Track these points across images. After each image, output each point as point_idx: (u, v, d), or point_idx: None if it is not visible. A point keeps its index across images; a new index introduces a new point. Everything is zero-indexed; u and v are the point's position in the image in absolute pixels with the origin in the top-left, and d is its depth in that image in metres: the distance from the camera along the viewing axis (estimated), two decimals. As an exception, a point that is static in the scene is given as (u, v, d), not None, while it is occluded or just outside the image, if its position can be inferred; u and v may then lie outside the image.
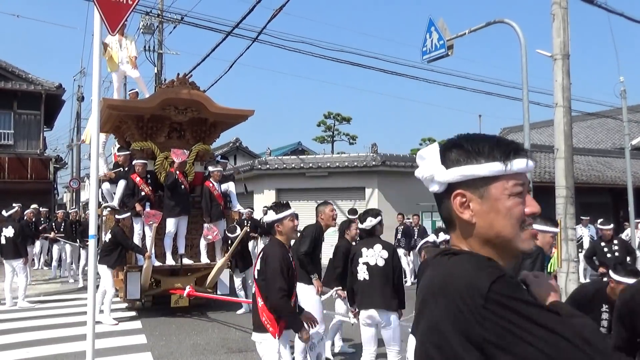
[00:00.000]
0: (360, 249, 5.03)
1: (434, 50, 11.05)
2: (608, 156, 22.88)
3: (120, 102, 10.29)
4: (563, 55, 9.10)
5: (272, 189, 17.32)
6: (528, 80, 9.56)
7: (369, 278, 4.89)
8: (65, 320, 8.99)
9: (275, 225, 4.10)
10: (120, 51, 11.53)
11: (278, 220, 4.09)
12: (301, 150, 29.27)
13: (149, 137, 9.96)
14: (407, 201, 15.57)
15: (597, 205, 19.02)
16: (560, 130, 9.19)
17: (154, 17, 17.99)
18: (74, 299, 11.32)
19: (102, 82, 13.40)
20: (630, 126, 17.91)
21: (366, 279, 4.90)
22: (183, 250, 9.65)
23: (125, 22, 4.96)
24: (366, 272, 4.90)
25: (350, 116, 31.12)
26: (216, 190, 9.84)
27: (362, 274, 4.93)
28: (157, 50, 19.10)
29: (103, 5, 4.46)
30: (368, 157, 16.01)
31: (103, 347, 7.02)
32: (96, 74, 4.61)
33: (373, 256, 4.94)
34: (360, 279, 4.94)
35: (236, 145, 26.69)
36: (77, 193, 27.88)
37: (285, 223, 4.10)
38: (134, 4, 4.61)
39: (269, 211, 4.20)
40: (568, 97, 9.18)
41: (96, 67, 4.59)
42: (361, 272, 4.93)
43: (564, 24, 9.11)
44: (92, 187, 4.61)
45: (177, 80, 9.79)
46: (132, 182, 9.46)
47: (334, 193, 16.67)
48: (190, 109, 9.80)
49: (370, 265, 4.90)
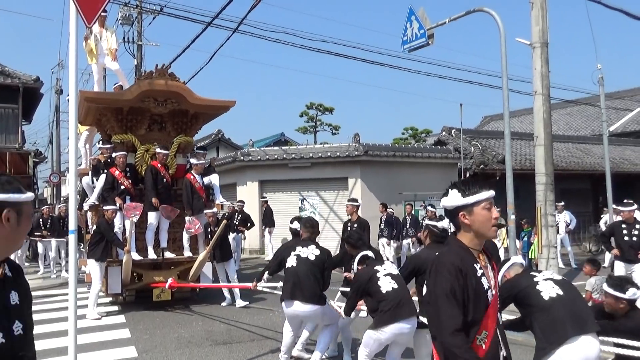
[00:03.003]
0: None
1: (415, 40, 11.08)
2: (587, 143, 23.18)
3: (97, 95, 10.12)
4: (542, 44, 9.18)
5: (255, 181, 17.27)
6: (508, 68, 9.63)
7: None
8: (48, 316, 8.90)
9: (459, 215, 2.48)
10: (100, 43, 11.36)
11: (464, 207, 2.47)
12: (284, 141, 29.16)
13: (129, 130, 9.83)
14: (390, 191, 15.64)
15: (576, 192, 19.32)
16: (540, 118, 9.30)
17: (132, 8, 17.75)
18: (56, 294, 11.21)
19: (80, 74, 12.88)
20: (609, 113, 18.16)
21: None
22: (165, 244, 9.57)
23: (104, 13, 4.90)
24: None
25: (332, 106, 31.08)
26: (197, 182, 9.74)
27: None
28: (137, 41, 18.85)
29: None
30: (350, 147, 16.02)
31: (86, 342, 6.99)
32: (73, 66, 4.55)
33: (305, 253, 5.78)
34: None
35: (218, 137, 26.51)
36: (57, 188, 27.51)
37: (477, 212, 2.45)
38: (109, -5, 4.55)
39: (452, 191, 2.53)
40: (547, 85, 9.28)
41: (73, 60, 4.53)
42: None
43: (543, 12, 9.18)
44: (71, 181, 4.58)
45: (156, 71, 9.64)
46: (112, 176, 9.33)
47: (317, 184, 16.69)
48: (170, 101, 9.69)
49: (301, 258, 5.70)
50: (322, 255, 5.83)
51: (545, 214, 9.26)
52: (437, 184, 16.49)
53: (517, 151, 18.83)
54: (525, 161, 17.60)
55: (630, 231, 8.19)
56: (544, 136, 9.25)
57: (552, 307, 3.68)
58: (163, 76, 9.58)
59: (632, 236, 8.15)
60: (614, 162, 19.43)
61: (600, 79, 14.07)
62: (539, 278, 3.94)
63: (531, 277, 3.97)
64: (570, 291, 3.84)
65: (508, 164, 9.60)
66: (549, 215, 9.29)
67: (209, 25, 12.18)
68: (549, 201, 9.30)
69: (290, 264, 5.82)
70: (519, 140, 20.65)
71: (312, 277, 5.68)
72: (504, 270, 4.19)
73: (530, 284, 3.87)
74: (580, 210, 18.21)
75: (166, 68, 9.82)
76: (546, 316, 3.69)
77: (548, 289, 3.80)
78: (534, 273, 4.09)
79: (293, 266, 5.77)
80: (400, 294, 4.66)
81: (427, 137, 29.38)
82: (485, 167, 16.99)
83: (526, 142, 19.88)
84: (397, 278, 4.77)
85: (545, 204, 9.26)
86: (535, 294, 3.79)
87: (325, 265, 5.83)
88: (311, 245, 5.92)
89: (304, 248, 5.88)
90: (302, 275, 5.63)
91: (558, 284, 3.85)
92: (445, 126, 19.75)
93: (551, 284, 3.85)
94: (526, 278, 3.98)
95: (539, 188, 9.34)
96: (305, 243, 5.96)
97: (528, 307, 3.81)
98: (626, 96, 30.05)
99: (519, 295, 3.87)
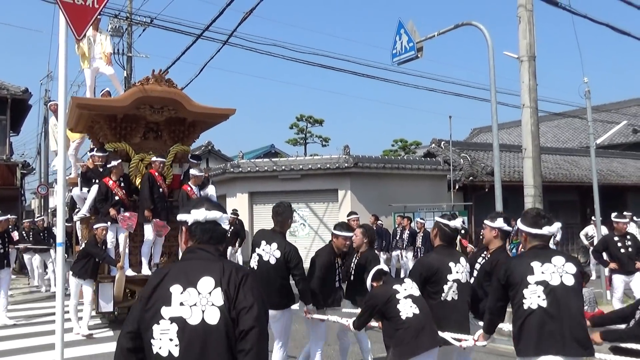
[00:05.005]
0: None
1: (404, 53, 11.16)
2: (575, 155, 23.41)
3: (90, 101, 9.53)
4: (529, 57, 9.28)
5: (245, 193, 17.23)
6: (496, 81, 9.74)
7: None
8: (34, 329, 8.80)
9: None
10: (93, 46, 10.87)
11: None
12: (274, 153, 29.15)
13: (123, 138, 9.38)
14: (380, 202, 15.67)
15: (565, 203, 19.45)
16: (528, 131, 9.37)
17: (122, 20, 17.75)
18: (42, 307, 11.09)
19: (70, 86, 12.66)
20: (596, 125, 18.33)
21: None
22: (158, 259, 9.14)
23: (99, 16, 4.89)
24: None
25: (322, 118, 31.13)
26: (195, 194, 9.13)
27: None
28: (127, 53, 18.85)
29: (68, 9, 4.39)
30: (340, 159, 16.05)
31: (73, 355, 6.92)
32: (62, 78, 4.53)
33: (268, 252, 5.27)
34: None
35: (208, 149, 26.49)
36: (45, 199, 27.28)
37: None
38: (100, 7, 4.56)
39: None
40: (535, 98, 9.36)
41: (62, 71, 4.50)
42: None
43: (530, 26, 9.29)
44: (59, 193, 4.53)
45: (152, 77, 9.11)
46: (105, 186, 8.81)
47: (307, 195, 16.67)
48: (166, 108, 9.20)
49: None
50: (282, 259, 5.19)
51: (533, 225, 9.30)
52: (427, 195, 16.58)
53: (505, 163, 18.97)
54: (514, 173, 17.72)
55: (624, 243, 8.29)
56: (532, 148, 9.32)
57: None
58: (160, 82, 9.09)
59: (627, 247, 8.24)
60: (602, 174, 19.61)
61: (587, 92, 14.19)
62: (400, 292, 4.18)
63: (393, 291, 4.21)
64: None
65: (497, 176, 9.66)
66: (538, 227, 9.33)
67: (199, 37, 12.22)
68: (538, 213, 9.34)
69: (252, 264, 5.34)
70: (507, 152, 20.80)
71: (276, 281, 5.18)
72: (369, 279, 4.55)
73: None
74: (569, 222, 18.33)
75: (163, 73, 9.33)
76: None
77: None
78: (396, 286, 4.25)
79: (253, 268, 5.28)
80: (423, 320, 4.06)
81: (416, 149, 29.53)
82: (475, 179, 17.09)
83: (515, 154, 20.02)
84: (419, 301, 4.17)
85: (534, 215, 9.30)
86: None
87: (291, 267, 5.21)
88: (274, 243, 5.26)
89: (268, 246, 5.27)
90: (264, 281, 4.98)
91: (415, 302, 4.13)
92: (435, 138, 19.87)
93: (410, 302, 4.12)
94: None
95: (527, 200, 9.40)
96: (271, 238, 5.33)
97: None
98: (613, 109, 30.42)
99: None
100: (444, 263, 4.31)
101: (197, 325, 2.07)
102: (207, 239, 2.30)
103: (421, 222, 13.10)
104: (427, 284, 4.31)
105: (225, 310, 2.08)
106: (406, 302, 4.12)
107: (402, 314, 4.07)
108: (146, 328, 2.11)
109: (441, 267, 4.29)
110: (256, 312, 2.09)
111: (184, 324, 2.07)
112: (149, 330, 2.10)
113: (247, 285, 2.14)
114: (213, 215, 2.31)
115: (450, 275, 4.28)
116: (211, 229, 2.32)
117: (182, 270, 2.20)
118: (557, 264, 3.45)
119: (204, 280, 2.13)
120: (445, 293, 4.26)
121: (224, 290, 2.10)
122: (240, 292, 2.11)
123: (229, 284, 2.12)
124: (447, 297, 4.28)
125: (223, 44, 12.19)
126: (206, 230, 2.31)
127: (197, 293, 2.11)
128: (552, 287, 3.37)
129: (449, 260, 4.33)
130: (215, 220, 2.32)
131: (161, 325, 2.08)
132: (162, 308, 2.10)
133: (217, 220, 2.33)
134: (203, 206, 2.34)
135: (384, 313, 4.22)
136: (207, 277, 2.14)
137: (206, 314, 2.08)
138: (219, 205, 2.40)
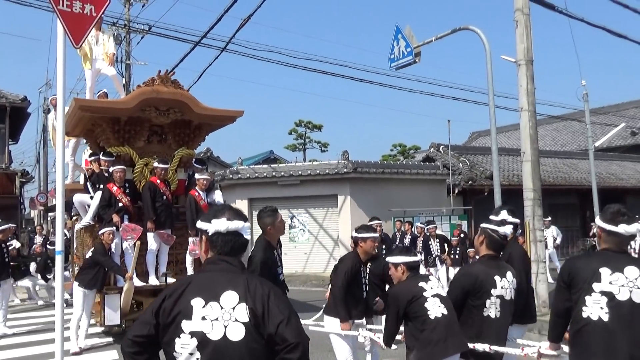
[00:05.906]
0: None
1: (402, 58, 11.22)
2: (574, 158, 23.42)
3: (94, 103, 9.08)
4: (527, 61, 9.31)
5: (244, 199, 17.23)
6: (494, 85, 9.77)
7: None
8: (33, 338, 8.76)
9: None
10: (96, 47, 10.64)
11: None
12: (273, 159, 29.18)
13: (127, 142, 8.90)
14: (379, 207, 15.65)
15: (564, 206, 19.46)
16: (526, 134, 9.39)
17: (120, 28, 17.81)
18: (42, 316, 11.05)
19: (69, 94, 12.69)
20: (594, 128, 18.39)
21: None
22: (164, 269, 8.67)
23: (102, 16, 4.89)
24: None
25: (321, 124, 31.26)
26: (202, 200, 8.69)
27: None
28: (125, 61, 18.90)
29: (66, 17, 4.40)
30: (339, 164, 16.06)
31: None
32: (60, 86, 4.53)
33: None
34: None
35: (207, 155, 26.48)
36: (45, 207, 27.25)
37: None
38: (97, 15, 4.57)
39: None
40: (533, 102, 9.39)
41: (60, 79, 4.51)
42: None
43: (527, 30, 9.33)
44: (58, 199, 4.52)
45: (158, 77, 8.62)
46: (109, 192, 8.35)
47: (307, 201, 16.69)
48: (172, 110, 8.74)
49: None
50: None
51: (533, 229, 9.32)
52: (426, 200, 16.57)
53: (504, 167, 18.99)
54: (513, 177, 17.73)
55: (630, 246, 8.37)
56: (530, 152, 9.34)
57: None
58: (166, 83, 8.63)
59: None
60: (600, 177, 19.63)
61: (584, 95, 14.28)
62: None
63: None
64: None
65: (496, 180, 9.67)
66: (537, 230, 9.35)
67: (198, 44, 12.25)
68: (537, 216, 9.36)
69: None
70: (506, 156, 20.82)
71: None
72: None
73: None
74: (568, 225, 18.35)
75: (170, 74, 8.88)
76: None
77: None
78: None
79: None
80: (452, 321, 3.82)
81: (415, 153, 29.55)
82: (474, 183, 17.10)
83: (514, 158, 20.04)
84: (446, 301, 3.90)
85: (533, 219, 9.32)
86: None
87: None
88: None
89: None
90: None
91: None
92: (434, 142, 19.90)
93: None
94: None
95: (526, 203, 9.41)
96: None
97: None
98: (611, 111, 30.50)
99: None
100: (489, 276, 3.87)
101: (219, 340, 2.02)
102: (228, 249, 2.23)
103: (421, 226, 13.08)
104: (469, 297, 3.93)
105: (251, 326, 2.03)
106: (434, 301, 3.88)
107: (430, 313, 3.81)
108: (168, 342, 2.08)
109: (485, 280, 3.86)
110: (295, 324, 2.05)
111: (204, 339, 2.02)
112: (172, 343, 2.06)
113: (276, 299, 2.10)
114: (235, 226, 2.23)
115: (495, 290, 3.84)
116: (233, 240, 2.23)
117: (204, 282, 2.14)
118: (629, 277, 3.08)
119: (228, 294, 2.08)
120: (487, 308, 3.83)
121: (250, 307, 2.05)
122: (272, 307, 2.06)
123: (255, 301, 2.06)
124: (489, 314, 3.85)
125: (221, 50, 12.23)
126: (228, 241, 2.23)
127: (219, 307, 2.05)
128: (618, 302, 3.04)
129: (495, 274, 3.89)
130: (237, 231, 2.24)
131: (182, 339, 2.04)
132: (182, 322, 2.05)
133: (239, 231, 2.24)
134: (224, 215, 2.25)
135: (408, 313, 3.91)
136: (230, 291, 2.08)
137: (229, 329, 2.03)
138: (240, 214, 2.30)
